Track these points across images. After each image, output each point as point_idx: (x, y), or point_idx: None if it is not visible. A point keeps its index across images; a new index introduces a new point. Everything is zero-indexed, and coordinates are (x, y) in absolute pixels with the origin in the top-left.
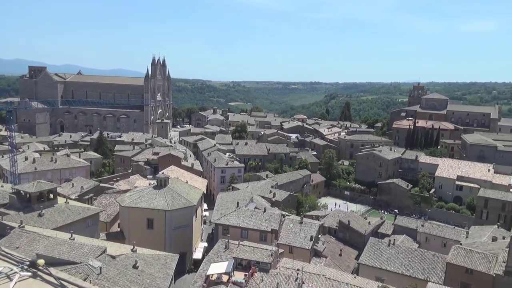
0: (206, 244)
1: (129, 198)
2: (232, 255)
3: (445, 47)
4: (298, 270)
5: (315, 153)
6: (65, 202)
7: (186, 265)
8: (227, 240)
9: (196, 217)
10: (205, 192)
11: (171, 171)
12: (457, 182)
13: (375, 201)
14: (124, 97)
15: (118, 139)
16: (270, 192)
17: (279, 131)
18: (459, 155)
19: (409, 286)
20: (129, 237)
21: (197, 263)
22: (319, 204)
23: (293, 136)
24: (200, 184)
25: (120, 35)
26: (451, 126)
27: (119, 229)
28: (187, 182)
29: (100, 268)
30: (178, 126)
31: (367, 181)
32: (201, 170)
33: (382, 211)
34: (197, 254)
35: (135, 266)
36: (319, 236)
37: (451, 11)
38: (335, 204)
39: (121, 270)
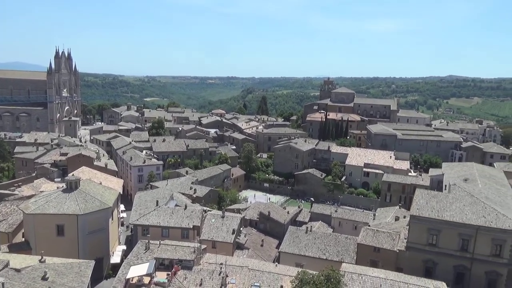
0: (124, 247)
1: (35, 204)
2: (153, 256)
3: (351, 44)
4: (221, 264)
5: (234, 147)
6: None
7: (104, 271)
8: (147, 241)
9: (112, 219)
10: (121, 193)
11: (83, 173)
12: (364, 169)
13: (292, 191)
14: (23, 93)
15: (18, 139)
16: (191, 188)
17: (197, 127)
18: (365, 144)
19: (326, 269)
20: (36, 247)
21: (115, 268)
22: (240, 198)
23: (212, 131)
24: (116, 184)
25: (17, 24)
26: (358, 117)
27: (23, 239)
28: (101, 183)
29: (3, 284)
30: (94, 124)
31: (284, 173)
32: (116, 169)
33: (300, 200)
34: (115, 258)
35: (44, 278)
36: (241, 228)
37: (355, 11)
38: (254, 196)
39: (28, 283)
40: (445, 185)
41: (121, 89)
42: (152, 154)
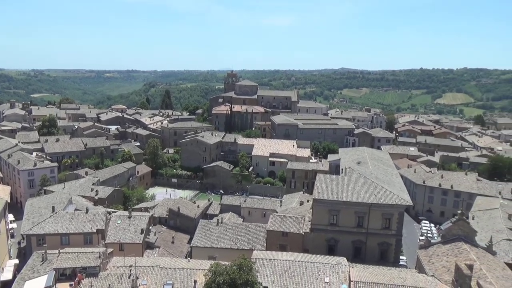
0: (17, 261)
1: None
2: (52, 267)
3: (252, 38)
4: (130, 266)
5: (138, 143)
6: None
7: None
8: (43, 251)
9: None
10: (9, 201)
11: None
12: (270, 159)
13: (202, 184)
14: None
15: None
16: (92, 190)
17: (96, 124)
18: (270, 135)
19: (238, 258)
20: None
21: (7, 285)
22: (147, 196)
23: (113, 127)
24: (1, 192)
25: None
26: (261, 109)
27: None
28: None
29: None
30: None
31: (193, 167)
32: (1, 175)
33: (209, 193)
34: (6, 275)
35: None
36: (150, 227)
37: (254, 5)
38: (167, 191)
39: None
40: (342, 169)
41: (2, 84)
42: (45, 156)
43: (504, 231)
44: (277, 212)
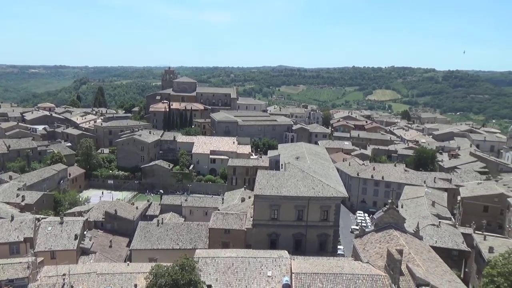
0: None
1: None
2: None
3: (190, 34)
4: (64, 275)
5: (69, 144)
6: None
7: None
8: None
9: None
10: None
11: None
12: (211, 156)
13: (140, 185)
14: None
15: None
16: (18, 195)
17: (20, 124)
18: (210, 132)
19: (180, 258)
20: None
21: None
22: (81, 199)
23: (40, 127)
24: None
25: None
26: (201, 106)
27: None
28: None
29: None
30: None
31: (130, 167)
32: None
33: (148, 193)
34: None
35: None
36: (85, 232)
37: (192, 1)
38: (102, 194)
39: None
40: (282, 164)
41: None
42: None
43: (429, 217)
44: (219, 210)
